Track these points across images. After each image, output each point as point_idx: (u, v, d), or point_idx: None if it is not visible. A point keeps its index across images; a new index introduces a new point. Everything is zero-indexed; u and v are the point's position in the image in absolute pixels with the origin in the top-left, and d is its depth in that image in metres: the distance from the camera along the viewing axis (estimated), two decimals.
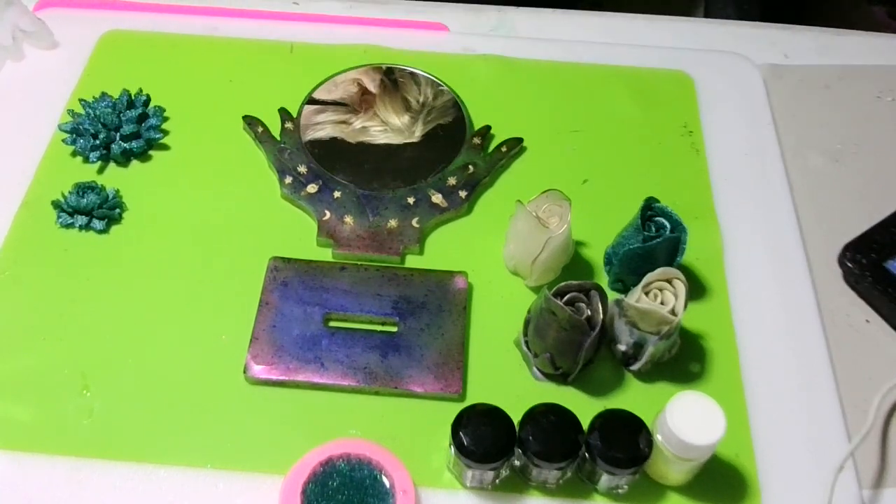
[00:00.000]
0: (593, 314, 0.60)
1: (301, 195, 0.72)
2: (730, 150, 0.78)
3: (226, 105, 0.79)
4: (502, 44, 0.85)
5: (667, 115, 0.80)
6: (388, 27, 0.86)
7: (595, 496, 0.58)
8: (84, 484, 0.57)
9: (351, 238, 0.69)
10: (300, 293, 0.65)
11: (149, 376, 0.62)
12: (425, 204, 0.71)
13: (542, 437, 0.54)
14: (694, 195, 0.74)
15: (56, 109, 0.78)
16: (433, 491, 0.58)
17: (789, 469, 0.60)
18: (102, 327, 0.64)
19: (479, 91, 0.80)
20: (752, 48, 0.87)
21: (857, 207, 0.74)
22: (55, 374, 0.62)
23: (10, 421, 0.60)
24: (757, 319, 0.67)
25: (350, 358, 0.62)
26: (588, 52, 0.85)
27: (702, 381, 0.63)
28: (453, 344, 0.63)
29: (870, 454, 0.61)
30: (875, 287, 0.67)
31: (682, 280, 0.60)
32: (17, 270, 0.67)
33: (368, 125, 0.76)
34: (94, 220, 0.69)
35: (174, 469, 0.58)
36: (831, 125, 0.81)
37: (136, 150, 0.74)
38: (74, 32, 0.84)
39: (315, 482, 0.55)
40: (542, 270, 0.66)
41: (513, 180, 0.75)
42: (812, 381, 0.64)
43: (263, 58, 0.83)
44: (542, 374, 0.63)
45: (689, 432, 0.53)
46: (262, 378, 0.61)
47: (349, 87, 0.79)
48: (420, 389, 0.61)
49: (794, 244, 0.71)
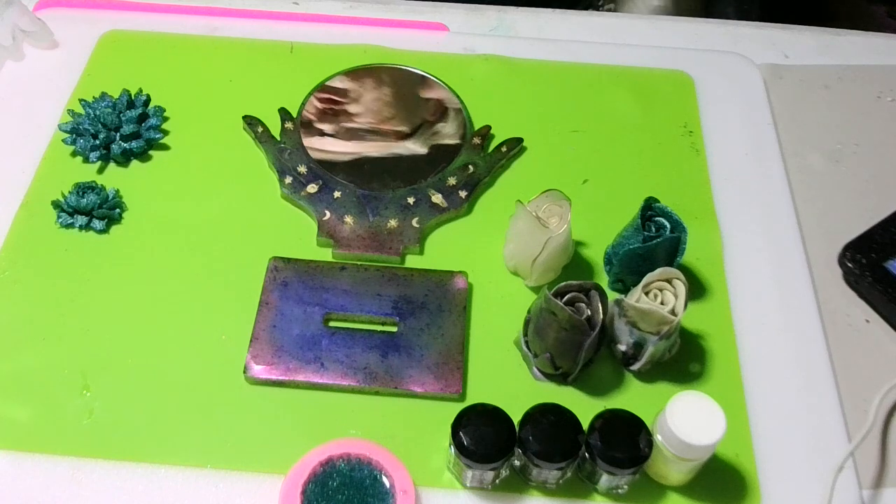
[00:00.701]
0: (593, 314, 0.60)
1: (301, 195, 0.72)
2: (730, 150, 0.78)
3: (226, 105, 0.79)
4: (502, 44, 0.85)
5: (667, 115, 0.80)
6: (388, 27, 0.86)
7: (595, 496, 0.58)
8: (84, 484, 0.57)
9: (351, 238, 0.69)
10: (300, 293, 0.65)
11: (149, 376, 0.62)
12: (425, 204, 0.71)
13: (542, 437, 0.54)
14: (694, 195, 0.74)
15: (56, 109, 0.78)
16: (433, 491, 0.58)
17: (789, 469, 0.60)
18: (102, 327, 0.64)
19: (479, 91, 0.80)
20: (752, 48, 0.87)
21: (857, 207, 0.74)
22: (55, 374, 0.62)
23: (10, 421, 0.60)
24: (757, 319, 0.67)
25: (350, 358, 0.62)
26: (588, 52, 0.85)
27: (702, 381, 0.63)
28: (453, 344, 0.63)
29: (870, 454, 0.61)
30: (875, 287, 0.67)
31: (682, 280, 0.60)
32: (17, 270, 0.67)
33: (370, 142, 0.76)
34: (94, 220, 0.69)
35: (174, 469, 0.58)
36: (831, 125, 0.81)
37: (136, 150, 0.74)
38: (74, 32, 0.84)
39: (315, 482, 0.55)
40: (542, 270, 0.66)
41: (513, 180, 0.75)
42: (812, 381, 0.64)
43: (263, 58, 0.83)
44: (542, 374, 0.63)
45: (689, 432, 0.53)
46: (262, 378, 0.61)
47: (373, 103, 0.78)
48: (420, 389, 0.61)
49: (794, 244, 0.71)
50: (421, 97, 0.79)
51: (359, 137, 0.76)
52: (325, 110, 0.78)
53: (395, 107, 0.78)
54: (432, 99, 0.79)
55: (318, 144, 0.75)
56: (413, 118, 0.77)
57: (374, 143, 0.76)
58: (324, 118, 0.77)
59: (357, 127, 0.77)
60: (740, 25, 0.89)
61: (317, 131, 0.76)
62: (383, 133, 0.76)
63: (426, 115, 0.78)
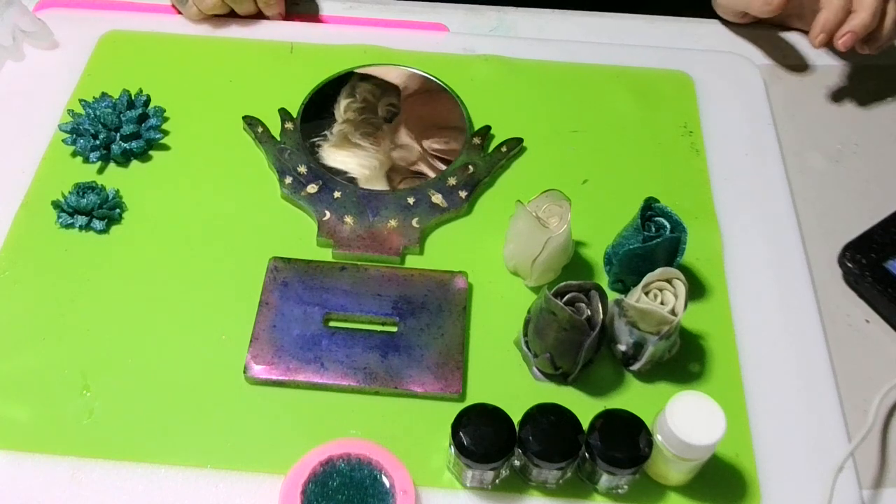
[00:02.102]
0: (593, 314, 0.60)
1: (301, 195, 0.72)
2: (730, 150, 0.78)
3: (226, 105, 0.79)
4: (502, 44, 0.85)
5: (667, 115, 0.80)
6: (388, 27, 0.86)
7: (595, 496, 0.58)
8: (84, 484, 0.57)
9: (351, 238, 0.69)
10: (300, 293, 0.65)
11: (149, 376, 0.62)
12: (425, 204, 0.71)
13: (542, 437, 0.54)
14: (694, 195, 0.74)
15: (56, 109, 0.78)
16: (433, 491, 0.58)
17: (789, 469, 0.60)
18: (102, 327, 0.64)
19: (479, 91, 0.80)
20: (752, 48, 0.87)
21: (857, 207, 0.74)
22: (55, 374, 0.62)
23: (10, 421, 0.60)
24: (757, 319, 0.67)
25: (350, 358, 0.62)
26: (588, 52, 0.85)
27: (702, 381, 0.63)
28: (453, 344, 0.63)
29: (870, 454, 0.61)
30: (875, 287, 0.67)
31: (682, 280, 0.60)
32: (17, 270, 0.67)
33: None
34: (94, 220, 0.69)
35: (174, 469, 0.58)
36: (831, 125, 0.81)
37: (136, 150, 0.74)
38: (74, 32, 0.84)
39: (315, 482, 0.55)
40: (542, 270, 0.66)
41: (513, 180, 0.75)
42: (812, 381, 0.64)
43: (263, 58, 0.83)
44: (542, 374, 0.63)
45: (689, 432, 0.53)
46: (262, 378, 0.61)
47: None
48: (420, 389, 0.61)
49: (794, 244, 0.71)
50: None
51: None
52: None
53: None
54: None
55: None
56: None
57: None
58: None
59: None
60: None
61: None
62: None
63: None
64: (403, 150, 0.74)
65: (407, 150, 0.74)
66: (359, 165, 0.73)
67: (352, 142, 0.75)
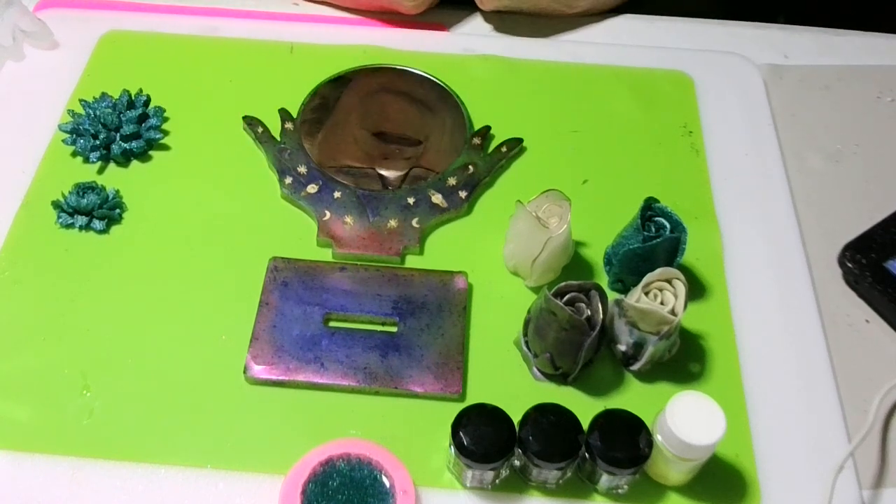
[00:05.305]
0: (593, 314, 0.60)
1: (301, 195, 0.72)
2: (730, 150, 0.78)
3: (226, 105, 0.79)
4: (502, 44, 0.85)
5: (667, 115, 0.80)
6: (388, 27, 0.86)
7: (595, 496, 0.58)
8: (84, 484, 0.57)
9: (351, 238, 0.69)
10: (300, 293, 0.65)
11: (149, 376, 0.62)
12: (425, 204, 0.71)
13: (542, 437, 0.54)
14: (694, 195, 0.74)
15: (56, 109, 0.78)
16: (433, 491, 0.58)
17: (789, 469, 0.60)
18: (102, 327, 0.64)
19: (479, 91, 0.80)
20: (752, 48, 0.87)
21: (857, 207, 0.74)
22: (55, 374, 0.62)
23: (10, 421, 0.60)
24: (757, 319, 0.67)
25: (350, 358, 0.62)
26: (588, 52, 0.85)
27: (702, 381, 0.63)
28: (453, 344, 0.63)
29: (870, 454, 0.61)
30: (875, 287, 0.67)
31: (682, 280, 0.60)
32: (17, 270, 0.67)
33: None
34: (94, 220, 0.69)
35: (174, 469, 0.58)
36: (831, 125, 0.81)
37: (136, 150, 0.74)
38: (74, 32, 0.84)
39: (315, 482, 0.55)
40: (542, 270, 0.66)
41: (513, 180, 0.75)
42: (812, 381, 0.64)
43: (263, 58, 0.83)
44: (542, 374, 0.63)
45: (689, 432, 0.53)
46: (262, 378, 0.61)
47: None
48: (420, 389, 0.61)
49: (794, 244, 0.71)
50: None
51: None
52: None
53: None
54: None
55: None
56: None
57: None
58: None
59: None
60: (740, 26, 0.89)
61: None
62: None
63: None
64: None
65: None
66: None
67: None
